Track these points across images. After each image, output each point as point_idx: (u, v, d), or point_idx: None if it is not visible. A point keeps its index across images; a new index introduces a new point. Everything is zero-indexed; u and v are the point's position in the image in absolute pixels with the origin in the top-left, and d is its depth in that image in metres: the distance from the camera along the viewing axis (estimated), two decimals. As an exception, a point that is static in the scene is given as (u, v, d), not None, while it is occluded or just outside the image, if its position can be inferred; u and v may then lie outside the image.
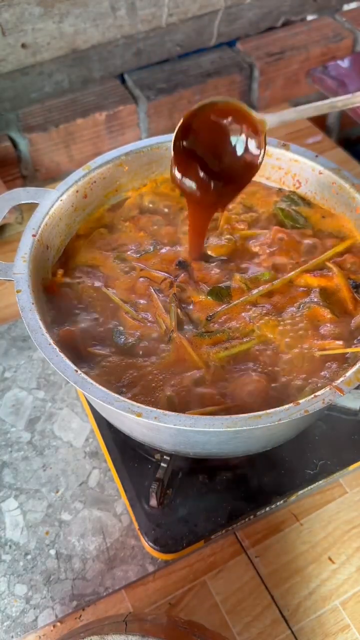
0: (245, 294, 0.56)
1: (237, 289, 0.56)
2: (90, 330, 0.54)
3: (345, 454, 0.60)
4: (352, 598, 0.56)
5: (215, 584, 0.57)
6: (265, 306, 0.55)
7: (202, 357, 0.52)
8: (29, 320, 0.49)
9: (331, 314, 0.53)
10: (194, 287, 0.57)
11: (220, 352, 0.52)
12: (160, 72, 1.03)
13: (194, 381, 0.50)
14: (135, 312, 0.55)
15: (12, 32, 0.88)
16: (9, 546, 0.59)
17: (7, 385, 0.72)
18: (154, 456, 0.58)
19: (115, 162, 0.64)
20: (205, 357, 0.52)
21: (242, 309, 0.55)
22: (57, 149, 0.96)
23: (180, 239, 0.62)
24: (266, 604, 0.56)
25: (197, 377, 0.50)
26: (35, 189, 0.60)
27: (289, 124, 1.04)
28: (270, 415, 0.43)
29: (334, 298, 0.55)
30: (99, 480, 0.64)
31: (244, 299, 0.55)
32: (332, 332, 0.52)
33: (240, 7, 1.05)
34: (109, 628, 0.42)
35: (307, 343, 0.52)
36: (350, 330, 0.53)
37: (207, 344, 0.53)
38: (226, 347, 0.52)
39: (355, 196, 0.60)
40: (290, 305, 0.55)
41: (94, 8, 0.91)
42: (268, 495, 0.58)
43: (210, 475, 0.59)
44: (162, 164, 0.67)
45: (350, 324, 0.53)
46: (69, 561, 0.58)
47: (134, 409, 0.43)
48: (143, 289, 0.57)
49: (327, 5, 1.15)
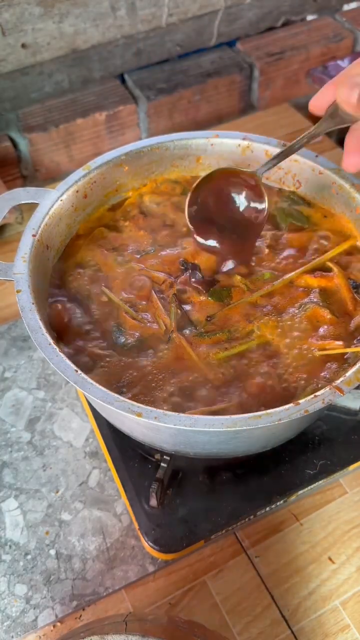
0: (246, 295, 0.56)
1: (238, 290, 0.56)
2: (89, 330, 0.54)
3: (345, 454, 0.60)
4: (352, 598, 0.56)
5: (215, 584, 0.57)
6: (266, 307, 0.55)
7: (201, 357, 0.52)
8: (29, 320, 0.49)
9: (331, 315, 0.53)
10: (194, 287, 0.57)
11: (220, 352, 0.52)
12: (160, 72, 1.03)
13: (193, 381, 0.50)
14: (135, 313, 0.55)
15: (12, 32, 0.88)
16: (9, 546, 0.59)
17: (7, 385, 0.72)
18: (154, 456, 0.58)
19: (115, 162, 0.64)
20: (205, 358, 0.52)
21: (242, 310, 0.55)
22: (57, 149, 0.96)
23: (180, 239, 0.62)
24: (266, 604, 0.56)
25: (197, 378, 0.50)
26: (35, 189, 0.60)
27: (289, 124, 1.04)
28: (270, 415, 0.43)
29: (334, 298, 0.55)
30: (99, 480, 0.64)
31: (243, 299, 0.55)
32: (332, 333, 0.52)
33: (240, 7, 1.05)
34: (109, 628, 0.42)
35: (307, 343, 0.52)
36: (350, 330, 0.53)
37: (206, 344, 0.53)
38: (226, 348, 0.52)
39: (355, 196, 0.60)
40: (290, 305, 0.55)
41: (94, 8, 0.91)
42: (268, 495, 0.58)
43: (210, 475, 0.59)
44: (162, 164, 0.67)
45: (349, 325, 0.53)
46: (69, 561, 0.58)
47: (134, 409, 0.43)
48: (143, 290, 0.57)
49: (327, 5, 1.15)
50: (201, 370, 0.51)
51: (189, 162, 0.68)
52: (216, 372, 0.51)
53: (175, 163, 0.67)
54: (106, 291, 0.57)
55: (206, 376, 0.51)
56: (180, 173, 0.68)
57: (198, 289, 0.56)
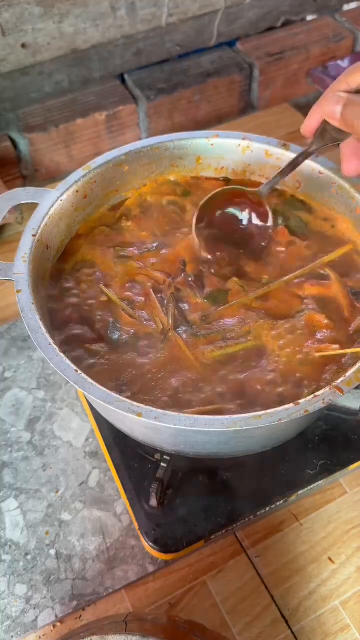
0: (242, 296, 0.56)
1: (234, 292, 0.56)
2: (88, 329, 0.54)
3: (345, 454, 0.60)
4: (352, 598, 0.56)
5: (215, 584, 0.57)
6: (260, 312, 0.55)
7: (197, 356, 0.52)
8: (29, 320, 0.49)
9: (327, 320, 0.53)
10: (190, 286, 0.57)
11: (215, 351, 0.52)
12: (160, 72, 1.03)
13: (191, 381, 0.50)
14: (132, 310, 0.55)
15: (12, 32, 0.88)
16: (9, 546, 0.59)
17: (7, 385, 0.72)
18: (154, 456, 0.58)
19: (115, 162, 0.64)
20: (200, 357, 0.52)
21: (237, 311, 0.55)
22: (57, 149, 0.96)
23: (180, 239, 0.62)
24: (266, 604, 0.56)
25: (192, 377, 0.50)
26: (35, 189, 0.60)
27: (289, 124, 1.04)
28: (270, 415, 0.43)
29: (331, 306, 0.55)
30: (99, 480, 0.64)
31: (239, 300, 0.55)
32: (330, 337, 0.52)
33: (240, 7, 1.05)
34: (109, 628, 0.42)
35: (303, 346, 0.52)
36: (348, 335, 0.53)
37: (202, 343, 0.53)
38: (221, 347, 0.52)
39: (355, 196, 0.60)
40: (286, 309, 0.55)
41: (94, 8, 0.91)
42: (268, 495, 0.58)
43: (210, 475, 0.59)
44: (162, 164, 0.67)
45: (348, 330, 0.53)
46: (69, 561, 0.58)
47: (134, 409, 0.43)
48: (141, 288, 0.57)
49: (327, 5, 1.15)
50: (197, 370, 0.51)
51: (189, 162, 0.68)
52: (212, 371, 0.51)
53: (175, 163, 0.67)
54: (104, 289, 0.57)
55: (202, 375, 0.51)
56: (180, 173, 0.68)
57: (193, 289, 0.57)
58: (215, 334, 0.53)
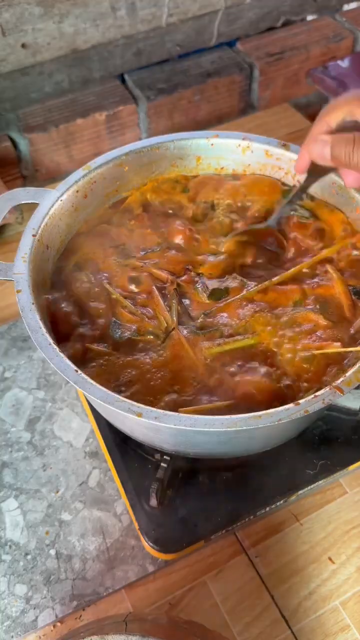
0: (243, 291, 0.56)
1: (235, 288, 0.57)
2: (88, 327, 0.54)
3: (345, 454, 0.60)
4: (352, 598, 0.56)
5: (215, 584, 0.57)
6: (260, 304, 0.55)
7: (198, 354, 0.52)
8: (29, 320, 0.49)
9: (327, 320, 0.53)
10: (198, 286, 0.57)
11: (213, 347, 0.52)
12: (160, 72, 1.03)
13: (191, 380, 0.50)
14: (134, 307, 0.55)
15: (12, 32, 0.88)
16: (9, 546, 0.59)
17: (7, 385, 0.72)
18: (154, 456, 0.58)
19: (115, 162, 0.64)
20: (200, 354, 0.52)
21: (237, 307, 0.55)
22: (57, 149, 0.96)
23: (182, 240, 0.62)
24: (266, 604, 0.56)
25: (194, 375, 0.50)
26: (35, 189, 0.60)
27: (289, 124, 1.04)
28: (270, 415, 0.43)
29: (332, 306, 0.55)
30: (99, 480, 0.64)
31: (240, 295, 0.56)
32: (330, 336, 0.52)
33: (240, 7, 1.05)
34: (109, 628, 0.42)
35: (303, 345, 0.52)
36: (349, 334, 0.53)
37: (202, 340, 0.53)
38: (219, 344, 0.52)
39: (355, 196, 0.60)
40: (286, 305, 0.55)
41: (94, 8, 0.91)
42: (268, 495, 0.58)
43: (210, 475, 0.59)
44: (162, 164, 0.67)
45: (349, 330, 0.53)
46: (69, 561, 0.58)
47: (134, 409, 0.43)
48: (144, 285, 0.57)
49: (327, 5, 1.15)
50: (198, 368, 0.51)
51: (189, 162, 0.68)
52: (212, 369, 0.51)
53: (175, 163, 0.67)
54: (106, 285, 0.57)
55: (203, 374, 0.51)
56: (180, 173, 0.68)
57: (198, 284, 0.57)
58: (214, 331, 0.53)
